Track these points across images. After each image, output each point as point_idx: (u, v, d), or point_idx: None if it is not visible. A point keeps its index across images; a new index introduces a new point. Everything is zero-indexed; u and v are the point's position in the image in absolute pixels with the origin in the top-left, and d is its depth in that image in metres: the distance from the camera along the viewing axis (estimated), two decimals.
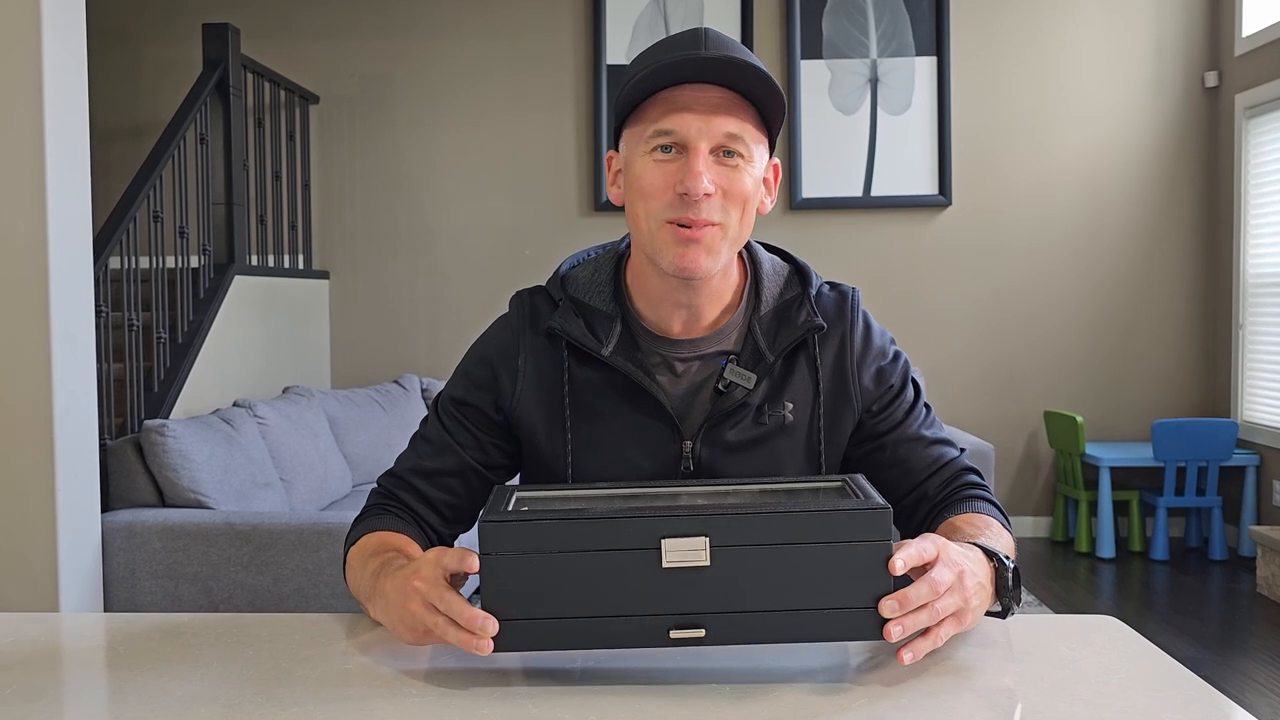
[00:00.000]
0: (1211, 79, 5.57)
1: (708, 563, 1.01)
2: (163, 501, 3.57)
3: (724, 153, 1.26)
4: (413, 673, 1.07)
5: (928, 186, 5.69)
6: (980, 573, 1.11)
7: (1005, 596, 1.14)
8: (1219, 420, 5.15)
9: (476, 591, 1.07)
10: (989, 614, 1.15)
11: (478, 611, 1.03)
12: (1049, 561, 5.22)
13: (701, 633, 1.02)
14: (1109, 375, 5.74)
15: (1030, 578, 4.88)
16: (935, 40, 5.66)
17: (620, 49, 5.75)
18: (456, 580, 1.11)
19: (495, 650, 1.02)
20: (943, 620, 1.06)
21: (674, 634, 1.02)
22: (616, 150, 1.36)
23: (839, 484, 1.16)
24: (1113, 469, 5.29)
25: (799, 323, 1.35)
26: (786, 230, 5.62)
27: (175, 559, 3.37)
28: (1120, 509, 5.53)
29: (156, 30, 5.85)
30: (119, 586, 3.38)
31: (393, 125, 5.87)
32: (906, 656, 1.03)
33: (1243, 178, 5.35)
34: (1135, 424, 5.71)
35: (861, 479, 1.14)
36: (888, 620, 1.02)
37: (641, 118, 1.29)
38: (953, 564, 1.07)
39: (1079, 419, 5.21)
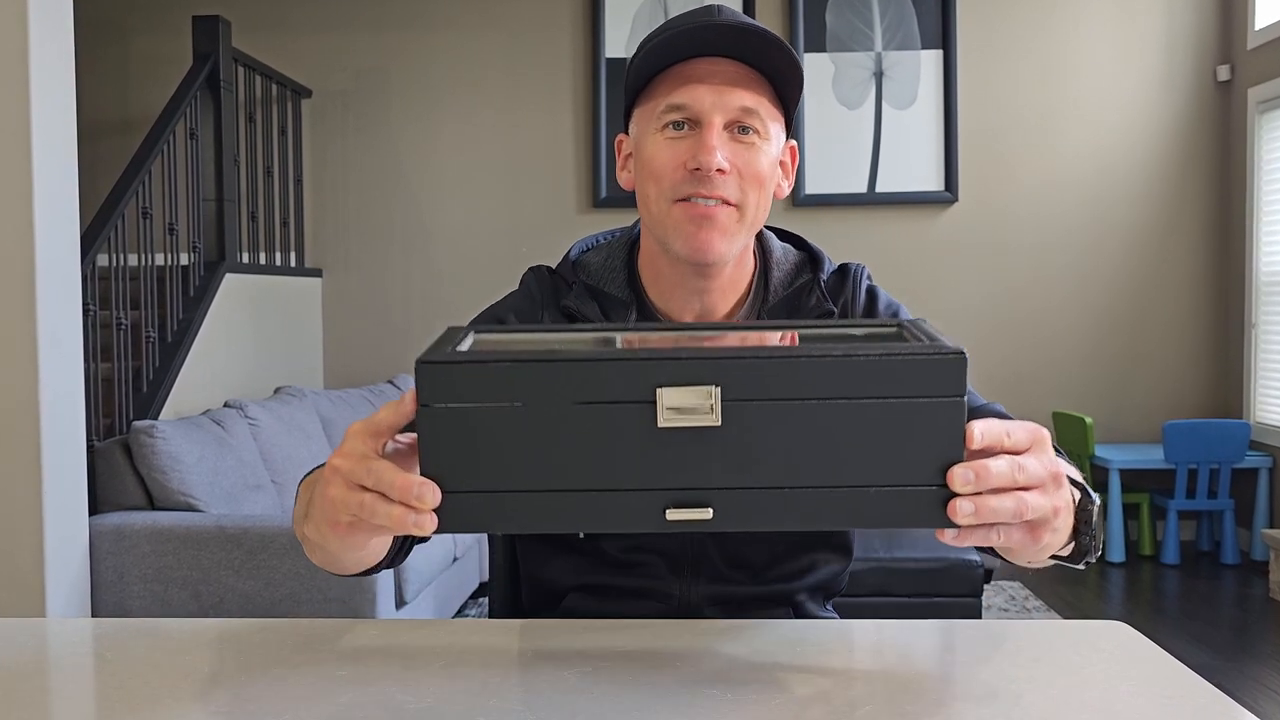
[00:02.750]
0: (1223, 73, 5.55)
1: (718, 422, 0.79)
2: (152, 504, 3.56)
3: (739, 129, 1.21)
4: (408, 679, 1.04)
5: (933, 183, 5.65)
6: (1069, 495, 0.91)
7: (1085, 535, 0.97)
8: (1231, 421, 5.15)
9: None
10: (1057, 559, 0.98)
11: (413, 477, 0.82)
12: (1057, 566, 5.15)
13: (708, 513, 0.81)
14: (1118, 375, 5.69)
15: (1038, 583, 4.85)
16: (941, 33, 5.62)
17: (620, 43, 5.70)
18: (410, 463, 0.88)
19: (440, 530, 0.82)
20: (1022, 522, 0.84)
21: (671, 515, 0.81)
22: (627, 134, 1.31)
23: (894, 329, 0.91)
24: (1122, 471, 5.24)
25: (809, 309, 1.30)
26: (789, 227, 5.55)
27: (164, 563, 3.35)
28: (1130, 512, 5.50)
29: (146, 23, 5.83)
30: (107, 591, 3.37)
31: (387, 120, 5.84)
32: (950, 534, 0.83)
33: (1255, 174, 5.33)
34: (1145, 425, 5.67)
35: (926, 324, 0.89)
36: (954, 496, 0.80)
37: (652, 94, 1.24)
38: (1049, 460, 0.86)
39: (1088, 420, 5.17)
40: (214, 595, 3.33)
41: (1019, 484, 0.82)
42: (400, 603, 3.49)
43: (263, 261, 5.34)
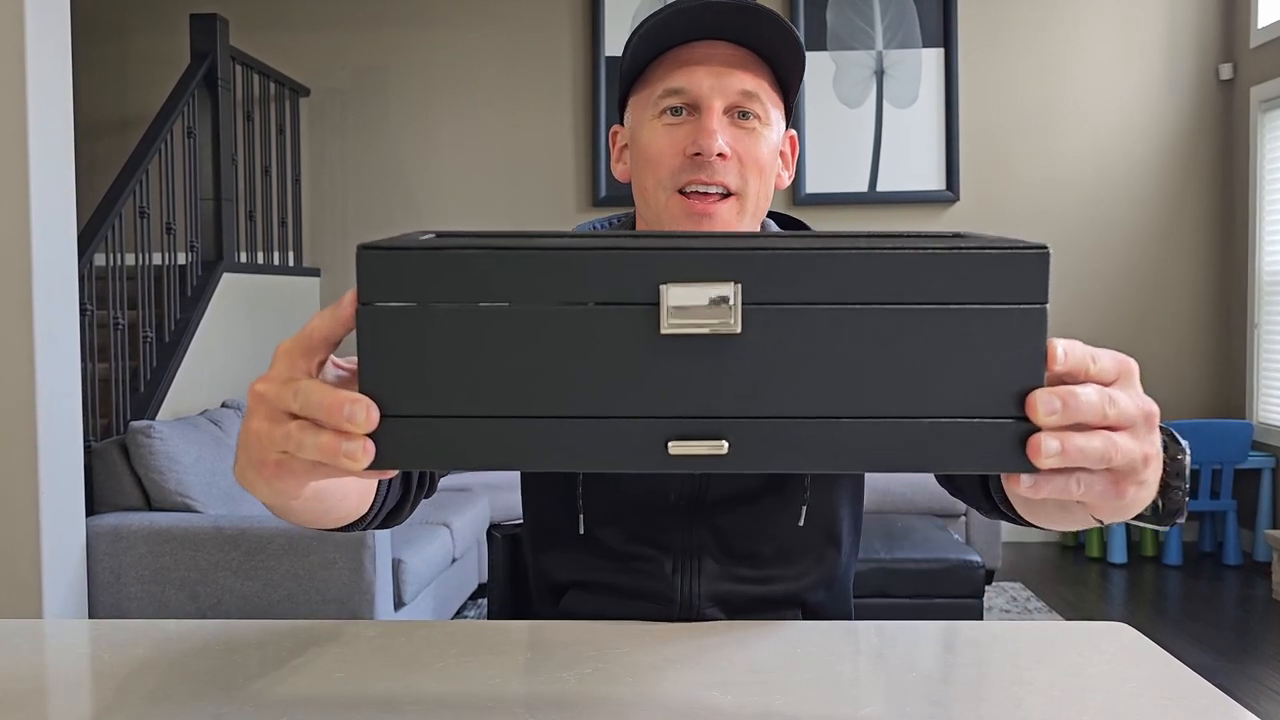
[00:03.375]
0: (1226, 71, 5.53)
1: (737, 329, 0.62)
2: (149, 505, 3.55)
3: (739, 113, 1.18)
4: (407, 682, 1.02)
5: (935, 182, 5.63)
6: (1159, 441, 0.73)
7: (1177, 490, 0.81)
8: (1233, 421, 5.13)
9: None
10: (1140, 521, 0.81)
11: (344, 393, 0.64)
12: (1059, 567, 5.16)
13: (722, 446, 0.63)
14: None
15: (1040, 584, 4.83)
16: (943, 32, 5.61)
17: (619, 41, 5.68)
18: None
19: (380, 464, 0.65)
20: (1107, 469, 0.67)
21: (675, 448, 0.63)
22: (622, 124, 1.28)
23: (951, 235, 0.71)
24: None
25: None
26: None
27: (162, 564, 3.34)
28: None
29: (143, 22, 5.82)
30: (104, 592, 3.36)
31: (386, 119, 5.82)
32: (1026, 482, 0.65)
33: (1258, 172, 5.31)
34: None
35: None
36: (1034, 432, 0.63)
37: (648, 80, 1.21)
38: (1140, 396, 0.69)
39: None
40: (212, 596, 3.32)
41: (1109, 421, 0.66)
42: (399, 604, 3.47)
43: (261, 261, 5.32)
